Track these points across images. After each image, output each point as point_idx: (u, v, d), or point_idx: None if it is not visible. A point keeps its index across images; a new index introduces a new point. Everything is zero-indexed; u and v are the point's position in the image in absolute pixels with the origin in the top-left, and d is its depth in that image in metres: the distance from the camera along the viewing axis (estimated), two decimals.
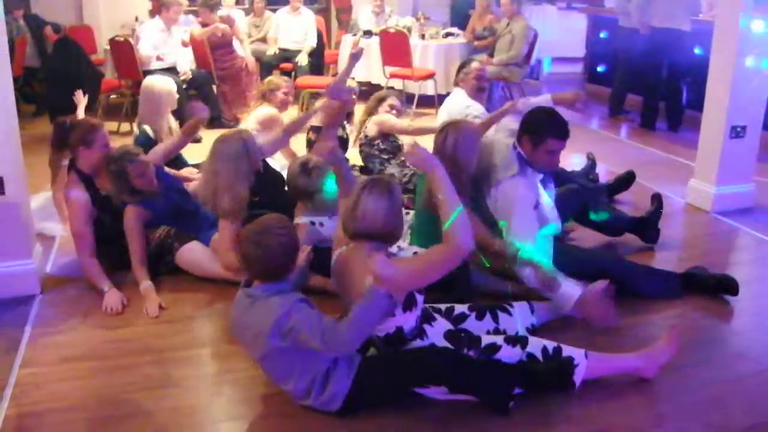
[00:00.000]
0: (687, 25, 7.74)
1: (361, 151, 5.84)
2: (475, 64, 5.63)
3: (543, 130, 3.95)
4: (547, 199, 4.19)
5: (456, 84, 5.71)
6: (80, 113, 5.30)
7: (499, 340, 3.20)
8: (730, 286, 4.13)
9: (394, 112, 5.69)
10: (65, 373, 3.42)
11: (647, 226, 4.83)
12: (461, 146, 3.91)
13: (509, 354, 3.15)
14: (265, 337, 2.90)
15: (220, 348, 3.69)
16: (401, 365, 3.06)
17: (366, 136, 5.72)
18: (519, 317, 3.55)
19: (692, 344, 3.59)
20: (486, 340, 3.21)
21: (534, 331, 3.55)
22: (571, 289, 3.66)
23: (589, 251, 4.45)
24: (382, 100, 5.75)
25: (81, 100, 5.41)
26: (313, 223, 4.20)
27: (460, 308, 3.54)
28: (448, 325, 3.30)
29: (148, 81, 5.65)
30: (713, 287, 4.16)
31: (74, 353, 3.59)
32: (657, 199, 5.00)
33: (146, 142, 5.20)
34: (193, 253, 4.34)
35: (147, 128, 5.49)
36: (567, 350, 3.18)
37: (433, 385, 3.06)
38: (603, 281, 3.67)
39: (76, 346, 3.66)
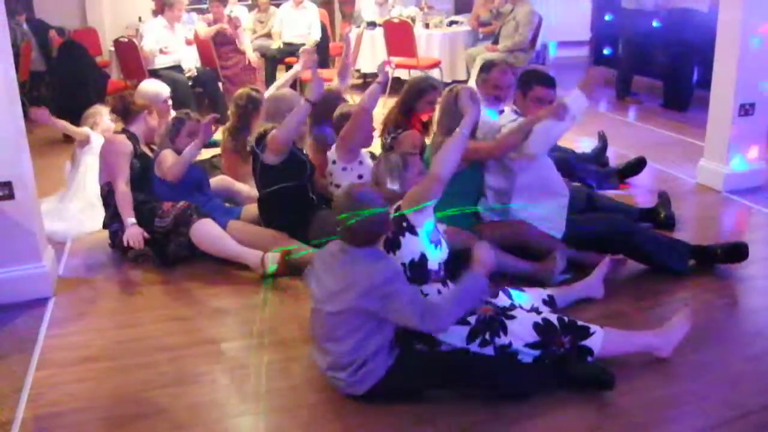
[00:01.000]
0: (704, 5, 7.69)
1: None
2: (495, 71, 4.86)
3: (528, 78, 4.29)
4: (550, 163, 4.30)
5: (476, 83, 5.17)
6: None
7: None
8: (739, 252, 4.14)
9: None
10: (81, 373, 3.43)
11: (657, 218, 4.83)
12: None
13: (524, 317, 3.18)
14: (353, 294, 2.90)
15: (236, 343, 3.70)
16: (434, 366, 3.11)
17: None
18: (532, 292, 3.59)
19: (706, 324, 3.57)
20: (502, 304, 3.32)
21: (551, 302, 3.57)
22: (576, 96, 3.97)
23: (601, 218, 4.41)
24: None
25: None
26: None
27: None
28: None
29: (142, 84, 5.74)
30: (723, 256, 4.17)
31: (89, 354, 3.60)
32: (662, 196, 5.00)
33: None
34: (208, 228, 4.41)
35: None
36: (582, 323, 3.21)
37: (460, 389, 3.12)
38: (606, 258, 3.95)
39: (90, 346, 3.68)
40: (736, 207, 5.28)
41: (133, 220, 4.37)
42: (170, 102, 5.59)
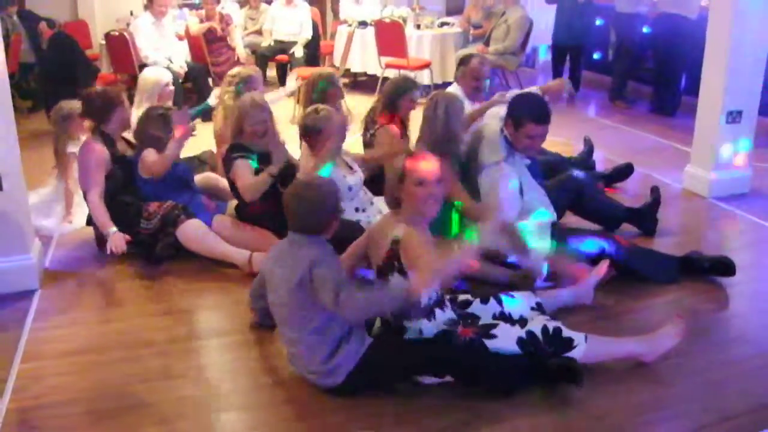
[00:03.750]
0: (694, 13, 7.73)
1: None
2: (474, 62, 5.28)
3: (522, 113, 4.03)
4: (535, 185, 4.26)
5: (456, 80, 5.53)
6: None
7: (498, 322, 3.26)
8: (727, 268, 4.14)
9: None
10: (66, 366, 3.43)
11: (643, 218, 4.83)
12: (452, 114, 4.20)
13: (507, 331, 3.17)
14: (289, 283, 2.99)
15: (222, 339, 3.71)
16: (411, 352, 3.13)
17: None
18: (523, 299, 3.54)
19: (690, 328, 3.59)
20: (485, 320, 3.27)
21: (539, 309, 3.52)
22: (540, 254, 3.88)
23: (588, 235, 4.44)
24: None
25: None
26: None
27: (463, 295, 3.57)
28: (454, 316, 3.31)
29: (143, 72, 5.81)
30: (710, 269, 4.18)
31: (75, 347, 3.60)
32: (655, 191, 4.99)
33: None
34: (195, 228, 4.42)
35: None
36: (567, 332, 3.20)
37: (438, 375, 3.13)
38: (604, 262, 3.87)
39: (76, 339, 3.67)
40: (721, 213, 5.32)
41: (113, 228, 4.32)
42: (172, 87, 5.63)
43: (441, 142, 4.14)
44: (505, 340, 3.15)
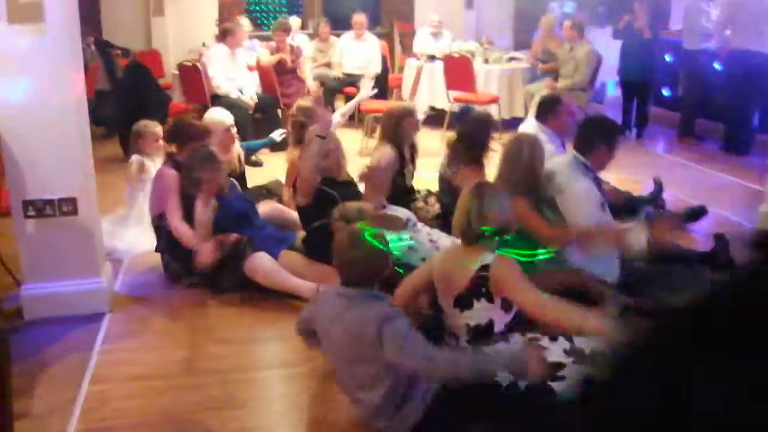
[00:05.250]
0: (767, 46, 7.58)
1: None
2: (563, 100, 5.56)
3: (612, 132, 4.39)
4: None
5: (542, 119, 5.41)
6: None
7: (567, 360, 3.07)
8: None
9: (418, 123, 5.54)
10: (132, 390, 3.48)
11: (715, 262, 4.71)
12: (537, 156, 4.20)
13: (575, 373, 3.01)
14: (364, 339, 2.85)
15: (286, 370, 3.72)
16: (475, 403, 2.96)
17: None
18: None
19: None
20: (554, 358, 3.08)
21: None
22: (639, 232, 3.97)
23: (659, 274, 4.31)
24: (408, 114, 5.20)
25: None
26: None
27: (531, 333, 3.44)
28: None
29: (209, 111, 5.82)
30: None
31: (141, 371, 3.65)
32: (721, 239, 4.83)
33: None
34: (263, 262, 4.42)
35: None
36: None
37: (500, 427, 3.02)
38: None
39: (143, 364, 3.72)
40: None
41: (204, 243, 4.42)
42: (234, 130, 5.58)
43: (523, 183, 4.14)
44: (572, 377, 3.01)
